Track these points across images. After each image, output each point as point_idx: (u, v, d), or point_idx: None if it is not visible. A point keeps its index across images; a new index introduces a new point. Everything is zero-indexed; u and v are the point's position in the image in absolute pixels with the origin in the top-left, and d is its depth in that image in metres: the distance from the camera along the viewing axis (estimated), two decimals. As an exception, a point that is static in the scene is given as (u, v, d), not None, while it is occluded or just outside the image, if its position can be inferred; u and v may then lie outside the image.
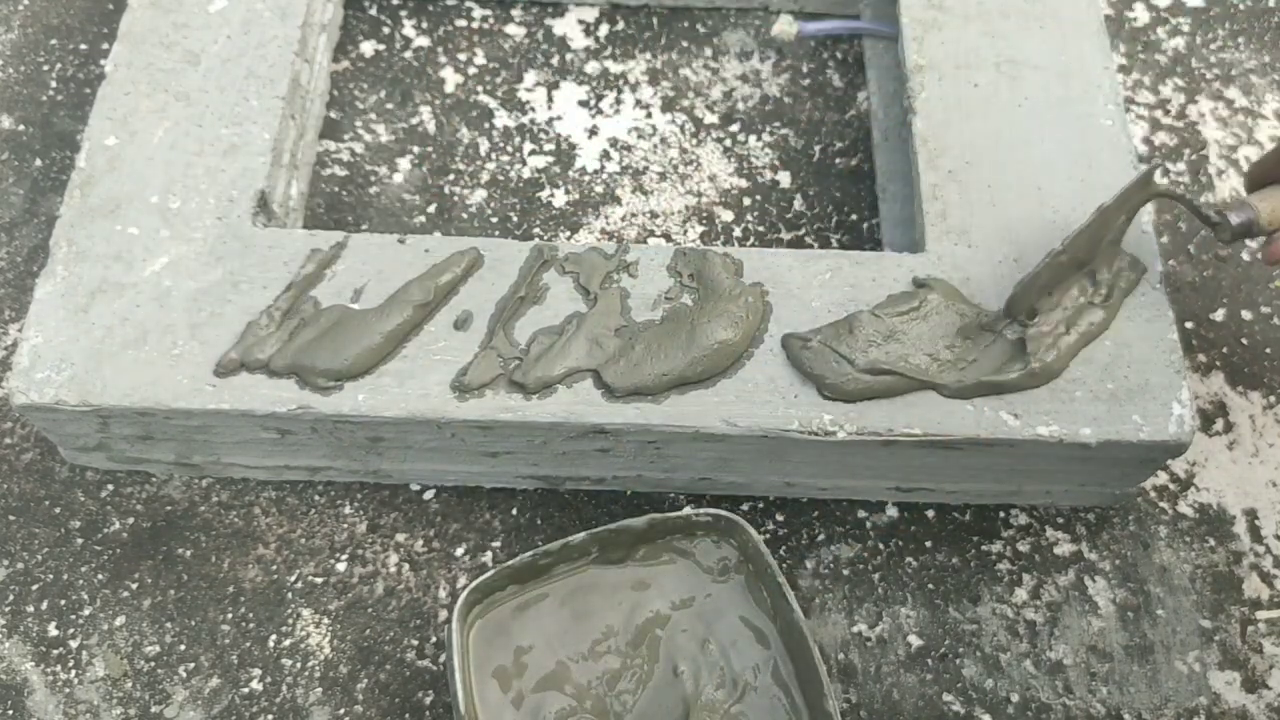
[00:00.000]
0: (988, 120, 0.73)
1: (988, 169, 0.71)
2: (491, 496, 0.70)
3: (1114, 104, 0.73)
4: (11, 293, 0.77)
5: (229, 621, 0.66)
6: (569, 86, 0.86)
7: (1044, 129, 0.72)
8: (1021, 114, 0.73)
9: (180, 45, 0.74)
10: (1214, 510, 0.71)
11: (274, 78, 0.73)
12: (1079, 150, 0.72)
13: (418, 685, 0.65)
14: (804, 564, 0.69)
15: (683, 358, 0.63)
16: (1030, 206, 0.69)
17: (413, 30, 0.88)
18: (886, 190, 0.79)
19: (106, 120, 0.71)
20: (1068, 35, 0.76)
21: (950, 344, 0.64)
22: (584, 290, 0.66)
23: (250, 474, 0.70)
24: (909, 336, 0.64)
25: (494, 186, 0.82)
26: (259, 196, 0.69)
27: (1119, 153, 0.71)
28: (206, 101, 0.72)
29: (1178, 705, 0.65)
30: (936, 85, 0.74)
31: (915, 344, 0.64)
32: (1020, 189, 0.70)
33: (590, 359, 0.63)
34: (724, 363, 0.63)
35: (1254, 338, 0.77)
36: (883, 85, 0.83)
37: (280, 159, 0.73)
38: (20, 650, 0.65)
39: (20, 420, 0.72)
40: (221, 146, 0.70)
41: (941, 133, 0.72)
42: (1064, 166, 0.71)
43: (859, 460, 0.66)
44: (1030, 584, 0.68)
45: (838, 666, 0.66)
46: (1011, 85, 0.74)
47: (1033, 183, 0.70)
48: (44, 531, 0.69)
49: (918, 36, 0.76)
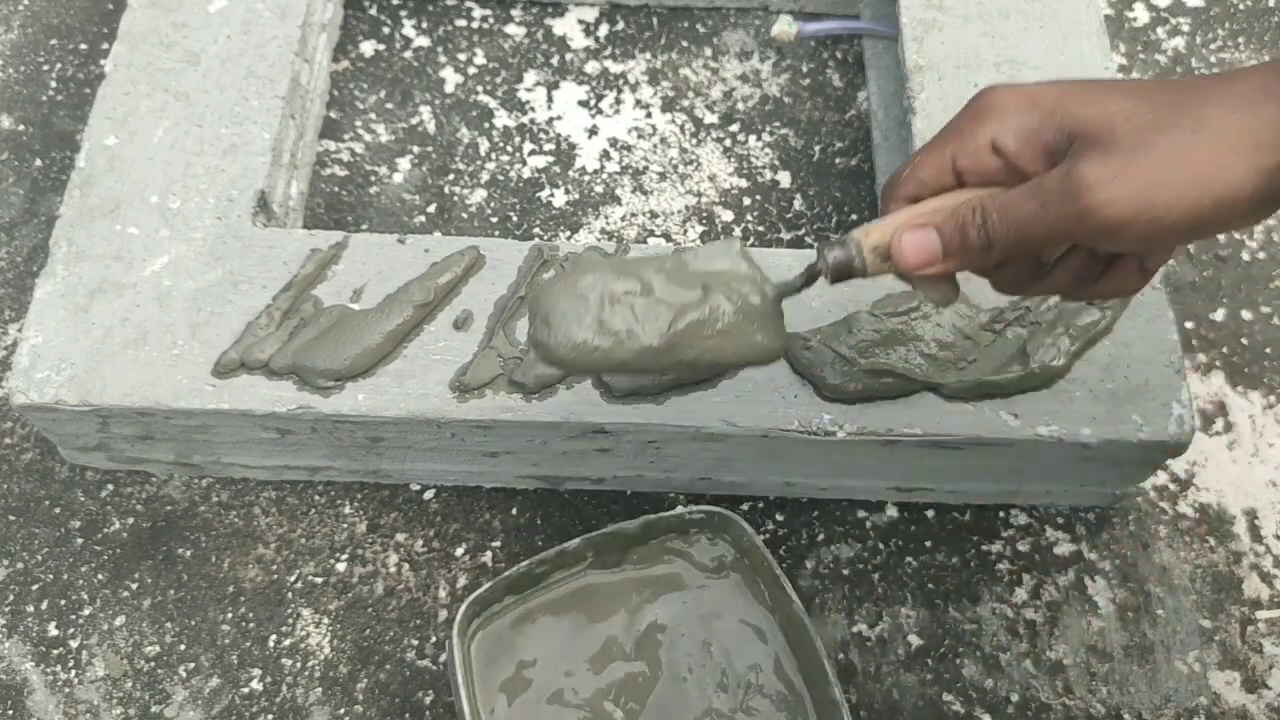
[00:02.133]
0: None
1: None
2: (491, 496, 0.70)
3: None
4: (11, 292, 0.77)
5: (229, 621, 0.66)
6: (569, 86, 0.86)
7: None
8: None
9: (180, 45, 0.74)
10: (1214, 510, 0.71)
11: (274, 78, 0.73)
12: None
13: (417, 685, 0.65)
14: (804, 564, 0.69)
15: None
16: None
17: (413, 30, 0.88)
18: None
19: (106, 120, 0.71)
20: (1067, 35, 0.76)
21: (950, 344, 0.64)
22: None
23: (250, 474, 0.70)
24: (909, 336, 0.64)
25: (494, 186, 0.82)
26: (259, 196, 0.69)
27: None
28: (206, 101, 0.72)
29: (1178, 705, 0.65)
30: (936, 85, 0.74)
31: (915, 344, 0.64)
32: None
33: None
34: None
35: (1254, 338, 0.77)
36: (882, 85, 0.83)
37: (280, 159, 0.73)
38: (20, 650, 0.65)
39: (20, 420, 0.72)
40: (221, 146, 0.70)
41: None
42: None
43: (859, 460, 0.66)
44: (1030, 584, 0.68)
45: (838, 667, 0.66)
46: None
47: None
48: (44, 531, 0.69)
49: (918, 36, 0.76)
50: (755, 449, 0.64)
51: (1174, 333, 0.65)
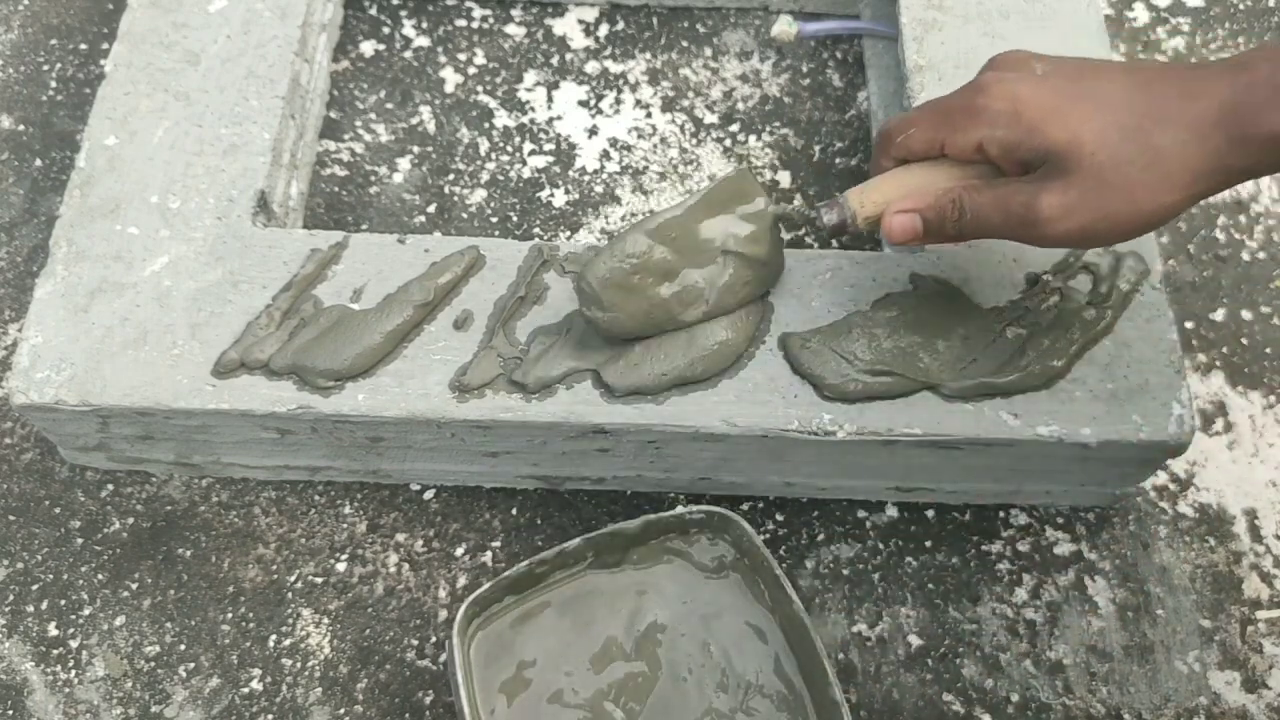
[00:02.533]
0: None
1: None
2: (491, 496, 0.70)
3: None
4: (11, 292, 0.77)
5: (229, 621, 0.66)
6: (569, 86, 0.86)
7: None
8: None
9: (180, 45, 0.74)
10: (1214, 510, 0.71)
11: (274, 77, 0.73)
12: None
13: (418, 685, 0.65)
14: (804, 564, 0.69)
15: (682, 358, 0.63)
16: None
17: (412, 30, 0.88)
18: None
19: (106, 120, 0.71)
20: (1067, 35, 0.76)
21: (950, 344, 0.64)
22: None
23: (250, 474, 0.70)
24: (909, 336, 0.64)
25: (494, 186, 0.82)
26: (259, 196, 0.69)
27: None
28: (206, 101, 0.72)
29: (1177, 705, 0.65)
30: (937, 85, 0.73)
31: (915, 344, 0.64)
32: None
33: (589, 359, 0.63)
34: (724, 363, 0.63)
35: (1254, 338, 0.77)
36: (883, 85, 0.83)
37: (280, 159, 0.73)
38: (20, 650, 0.65)
39: (20, 420, 0.72)
40: (221, 146, 0.70)
41: None
42: None
43: (859, 460, 0.66)
44: (1030, 584, 0.68)
45: (838, 666, 0.66)
46: None
47: None
48: (44, 531, 0.69)
49: (918, 36, 0.76)
50: (755, 449, 0.64)
51: (1174, 333, 0.65)
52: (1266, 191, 0.83)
